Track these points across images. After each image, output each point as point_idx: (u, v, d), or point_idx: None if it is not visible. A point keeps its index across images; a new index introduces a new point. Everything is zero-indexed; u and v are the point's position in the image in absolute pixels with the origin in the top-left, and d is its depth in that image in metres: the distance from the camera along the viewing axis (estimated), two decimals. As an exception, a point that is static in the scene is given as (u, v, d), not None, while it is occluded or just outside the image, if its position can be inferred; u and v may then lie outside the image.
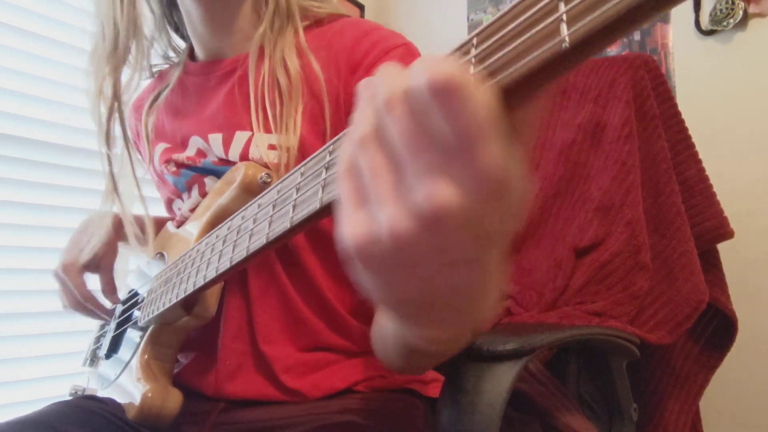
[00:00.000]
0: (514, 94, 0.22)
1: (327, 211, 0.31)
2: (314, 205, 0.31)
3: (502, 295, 0.28)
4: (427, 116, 0.21)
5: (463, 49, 0.24)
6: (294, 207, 0.34)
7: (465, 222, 0.22)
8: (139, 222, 0.76)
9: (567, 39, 0.19)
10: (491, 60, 0.22)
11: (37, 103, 1.10)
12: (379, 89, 0.24)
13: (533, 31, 0.21)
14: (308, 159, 0.34)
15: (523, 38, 0.21)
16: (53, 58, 1.12)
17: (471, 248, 0.23)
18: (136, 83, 0.64)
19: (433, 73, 0.21)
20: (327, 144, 0.32)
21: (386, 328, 0.42)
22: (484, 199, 0.22)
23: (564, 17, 0.20)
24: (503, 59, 0.22)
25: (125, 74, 0.63)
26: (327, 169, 0.31)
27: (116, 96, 0.61)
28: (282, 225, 0.34)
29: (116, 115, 0.61)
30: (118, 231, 0.72)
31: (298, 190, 0.34)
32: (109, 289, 0.71)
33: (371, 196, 0.24)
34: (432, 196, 0.21)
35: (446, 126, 0.21)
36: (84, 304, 0.69)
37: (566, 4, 0.20)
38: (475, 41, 0.24)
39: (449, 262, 0.24)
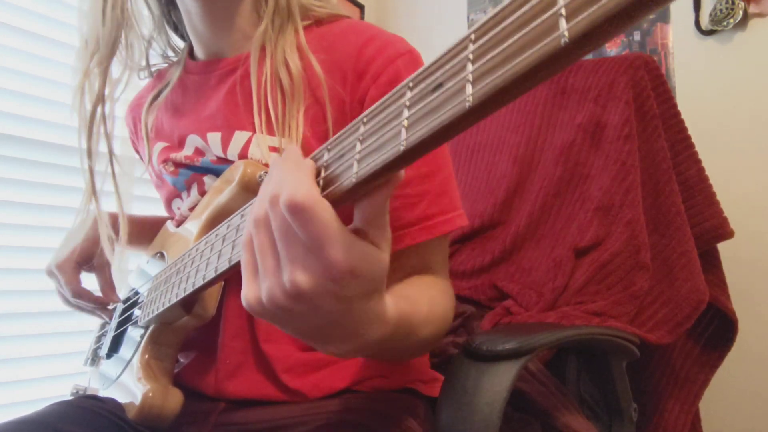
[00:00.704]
0: (512, 91, 0.22)
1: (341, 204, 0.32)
2: None
3: (385, 321, 0.38)
4: (293, 223, 0.30)
5: (461, 45, 0.24)
6: None
7: (323, 294, 0.31)
8: (134, 221, 0.77)
9: (566, 34, 0.19)
10: (488, 57, 0.22)
11: (37, 103, 1.10)
12: (268, 184, 0.33)
13: (531, 26, 0.21)
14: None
15: (520, 34, 0.21)
16: (53, 58, 1.12)
17: (335, 306, 0.33)
18: (126, 80, 0.63)
19: (287, 196, 0.30)
20: (325, 144, 0.33)
21: None
22: (334, 281, 0.31)
23: (563, 11, 0.19)
24: (502, 55, 0.22)
25: (116, 71, 0.62)
26: (326, 168, 0.32)
27: (103, 89, 0.60)
28: None
29: (100, 109, 0.60)
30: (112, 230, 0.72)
31: None
32: (108, 287, 0.71)
33: (260, 270, 0.33)
34: (293, 281, 0.31)
35: (301, 233, 0.30)
36: (75, 301, 0.70)
37: None
38: (473, 37, 0.24)
39: (319, 315, 0.33)
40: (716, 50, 1.29)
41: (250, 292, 0.34)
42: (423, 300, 0.49)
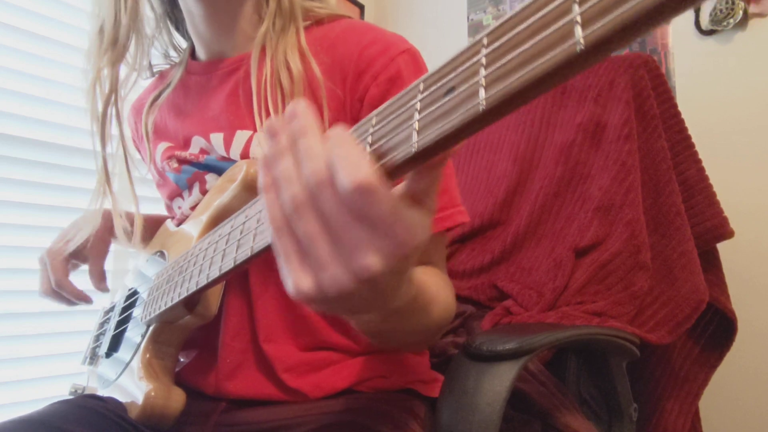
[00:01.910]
0: (526, 95, 0.22)
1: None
2: None
3: (410, 282, 0.37)
4: (355, 206, 0.27)
5: (473, 49, 0.24)
6: None
7: (395, 273, 0.30)
8: (130, 219, 0.77)
9: (582, 41, 0.19)
10: (502, 61, 0.22)
11: (37, 103, 1.10)
12: (306, 165, 0.29)
13: (546, 32, 0.20)
14: None
15: (535, 39, 0.21)
16: (53, 58, 1.12)
17: (392, 283, 0.31)
18: (133, 81, 0.64)
19: (350, 177, 0.27)
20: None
21: None
22: (405, 258, 0.29)
23: (578, 19, 0.19)
24: (515, 62, 0.22)
25: (123, 72, 0.63)
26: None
27: (113, 90, 0.61)
28: None
29: (113, 110, 0.62)
30: (110, 226, 0.72)
31: None
32: (98, 275, 0.72)
33: (311, 258, 0.30)
34: (367, 266, 0.28)
35: (368, 214, 0.27)
36: (56, 290, 0.70)
37: (580, 5, 0.19)
38: (485, 41, 0.24)
39: (377, 295, 0.31)
40: (716, 50, 1.29)
41: (303, 282, 0.30)
42: (430, 281, 0.48)
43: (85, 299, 0.72)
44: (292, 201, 0.30)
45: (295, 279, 0.30)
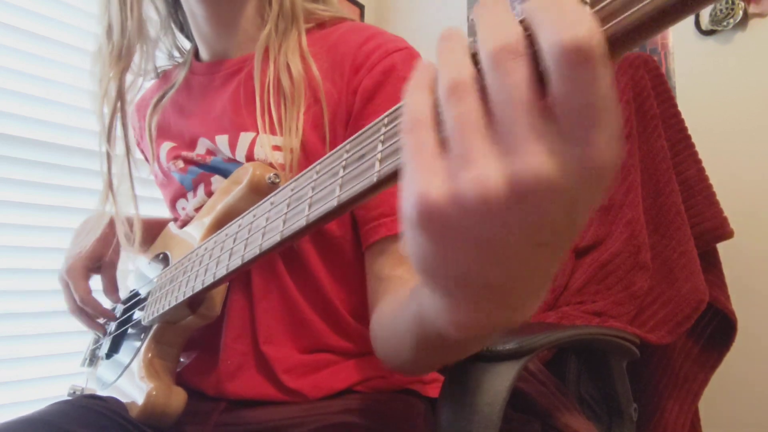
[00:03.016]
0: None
1: (344, 209, 0.31)
2: (332, 203, 0.31)
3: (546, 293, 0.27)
4: (552, 80, 0.20)
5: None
6: (310, 205, 0.34)
7: (560, 201, 0.20)
8: (130, 223, 0.77)
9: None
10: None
11: (37, 103, 1.10)
12: (488, 33, 0.21)
13: None
14: (323, 158, 0.34)
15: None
16: (53, 58, 1.12)
17: (557, 229, 0.21)
18: (139, 86, 0.65)
19: (570, 35, 0.18)
20: (344, 143, 0.32)
21: (405, 313, 0.38)
22: (591, 179, 0.20)
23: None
24: None
25: (128, 77, 0.63)
26: (344, 167, 0.31)
27: (120, 97, 0.62)
28: (298, 223, 0.34)
29: (119, 115, 0.62)
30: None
31: (313, 188, 0.34)
32: (111, 288, 0.71)
33: (456, 151, 0.21)
34: (537, 165, 0.20)
35: (572, 98, 0.19)
36: (83, 308, 0.69)
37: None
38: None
39: (532, 240, 0.22)
40: (716, 50, 1.29)
41: (434, 185, 0.21)
42: None
43: (111, 317, 0.71)
44: (451, 81, 0.22)
45: (422, 180, 0.22)
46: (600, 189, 0.21)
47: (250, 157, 0.60)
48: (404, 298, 0.40)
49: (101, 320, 0.72)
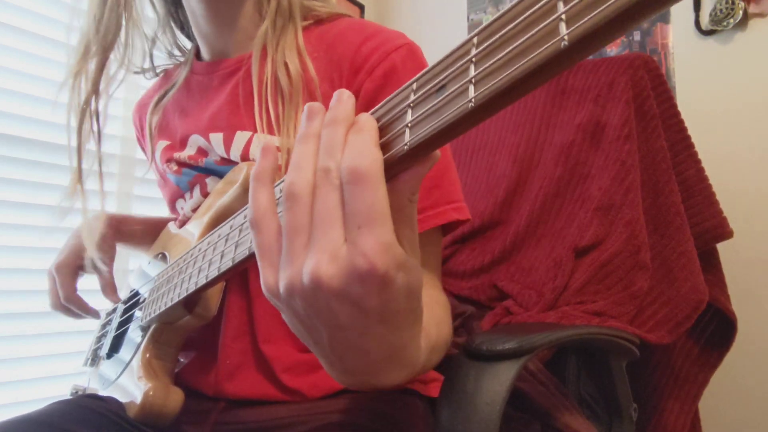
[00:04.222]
0: (513, 92, 0.22)
1: None
2: None
3: (410, 373, 0.33)
4: (347, 192, 0.26)
5: (463, 48, 0.25)
6: None
7: (343, 295, 0.26)
8: (137, 221, 0.77)
9: (566, 38, 0.20)
10: (491, 60, 0.23)
11: (37, 103, 1.10)
12: (326, 154, 0.27)
13: (533, 30, 0.21)
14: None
15: (523, 38, 0.21)
16: (53, 58, 1.12)
17: (354, 320, 0.28)
18: (122, 77, 0.63)
19: (355, 163, 0.26)
20: None
21: None
22: (361, 280, 0.26)
23: (563, 17, 0.20)
24: (503, 59, 0.22)
25: (113, 68, 0.62)
26: None
27: (96, 88, 0.60)
28: None
29: (94, 107, 0.61)
30: (117, 230, 0.72)
31: None
32: (110, 288, 0.71)
33: (284, 251, 0.28)
34: (314, 268, 0.26)
35: (356, 205, 0.25)
36: (65, 305, 0.70)
37: (565, 4, 0.20)
38: (475, 40, 0.24)
39: (334, 326, 0.28)
40: (716, 50, 1.29)
41: (269, 277, 0.29)
42: (432, 323, 0.43)
43: (94, 314, 0.72)
44: (293, 190, 0.28)
45: (264, 274, 0.30)
46: (386, 293, 0.26)
47: (245, 157, 0.60)
48: None
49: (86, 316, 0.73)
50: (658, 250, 0.87)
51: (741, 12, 1.23)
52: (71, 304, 0.70)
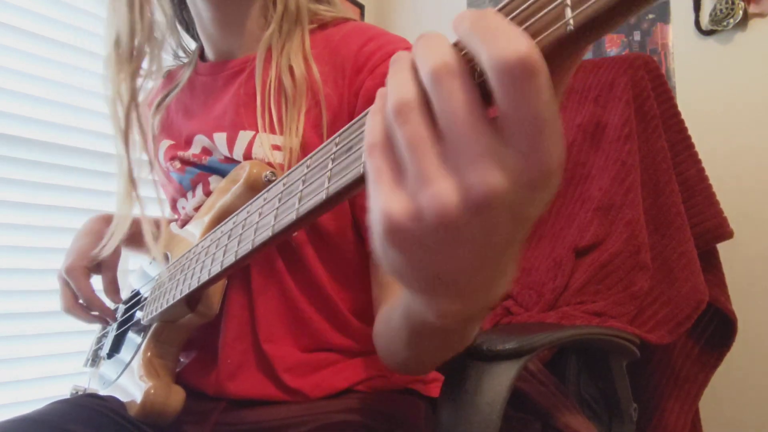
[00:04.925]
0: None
1: (334, 201, 0.31)
2: (320, 196, 0.31)
3: (514, 273, 0.28)
4: (497, 96, 0.21)
5: None
6: (300, 199, 0.34)
7: (510, 208, 0.22)
8: (137, 222, 0.76)
9: (572, 22, 0.20)
10: None
11: (37, 103, 1.10)
12: (426, 55, 0.23)
13: (538, 15, 0.21)
14: (314, 151, 0.34)
15: (528, 23, 0.22)
16: (53, 58, 1.12)
17: (509, 230, 0.23)
18: (149, 88, 0.65)
19: (511, 51, 0.20)
20: (333, 136, 0.32)
21: (396, 312, 0.41)
22: (534, 187, 0.22)
23: (568, 1, 0.20)
24: None
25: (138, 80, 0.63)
26: (333, 160, 0.31)
27: (133, 99, 0.62)
28: (288, 217, 0.34)
29: (134, 115, 0.62)
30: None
31: (304, 181, 0.34)
32: (112, 289, 0.71)
33: (412, 171, 0.23)
34: (487, 180, 0.21)
35: (518, 110, 0.20)
36: (85, 306, 0.69)
37: None
38: None
39: (486, 243, 0.24)
40: (716, 50, 1.29)
41: (395, 204, 0.24)
42: None
43: (112, 317, 0.71)
44: (397, 103, 0.23)
45: (385, 201, 0.24)
46: (547, 194, 0.22)
47: (247, 156, 0.60)
48: (396, 299, 0.42)
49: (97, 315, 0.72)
50: (658, 251, 0.87)
51: (741, 12, 1.23)
52: (93, 306, 0.69)
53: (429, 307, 0.30)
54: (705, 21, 1.30)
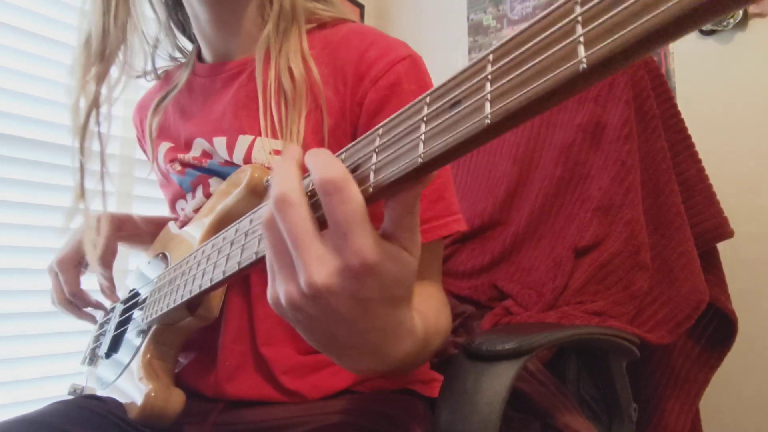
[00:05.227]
0: (530, 111, 0.22)
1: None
2: None
3: (414, 335, 0.36)
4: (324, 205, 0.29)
5: (479, 64, 0.25)
6: None
7: (340, 293, 0.29)
8: (137, 220, 0.77)
9: (585, 61, 0.20)
10: (508, 78, 0.23)
11: (37, 103, 1.10)
12: (274, 186, 0.31)
13: (551, 51, 0.21)
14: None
15: (540, 58, 0.22)
16: (53, 58, 1.12)
17: (353, 309, 0.30)
18: (124, 81, 0.63)
19: (324, 175, 0.28)
20: (339, 152, 0.33)
21: None
22: (353, 277, 0.29)
23: (581, 39, 0.20)
24: (520, 78, 0.22)
25: (115, 72, 0.62)
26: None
27: (95, 105, 0.60)
28: None
29: (95, 114, 0.61)
30: (119, 229, 0.72)
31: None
32: (109, 288, 0.71)
33: (276, 271, 0.32)
34: (308, 280, 0.29)
35: (330, 216, 0.28)
36: (72, 300, 0.70)
37: (584, 26, 0.20)
38: (491, 57, 0.24)
39: (338, 319, 0.31)
40: (716, 50, 1.29)
41: (271, 293, 0.33)
42: (431, 311, 0.48)
43: (101, 308, 0.72)
44: (263, 220, 0.32)
45: (268, 289, 0.33)
46: (377, 279, 0.29)
47: (247, 160, 0.60)
48: None
49: (90, 311, 0.72)
50: (658, 250, 0.87)
51: (741, 12, 1.23)
52: (76, 299, 0.70)
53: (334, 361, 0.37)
54: (705, 21, 1.30)
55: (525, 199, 0.99)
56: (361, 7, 1.88)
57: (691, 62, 1.33)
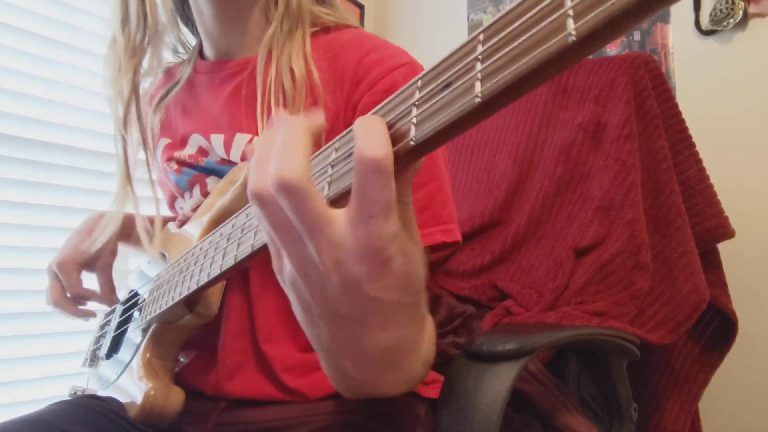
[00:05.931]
0: (520, 87, 0.22)
1: (334, 206, 0.31)
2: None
3: (407, 383, 0.37)
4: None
5: (469, 45, 0.25)
6: None
7: (346, 280, 0.28)
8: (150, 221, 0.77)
9: (573, 33, 0.20)
10: (498, 56, 0.23)
11: (37, 103, 1.10)
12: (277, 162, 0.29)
13: (540, 26, 0.21)
14: (312, 156, 0.34)
15: (529, 34, 0.22)
16: (53, 58, 1.12)
17: (353, 306, 0.30)
18: (149, 82, 0.66)
19: (375, 152, 0.26)
20: (331, 141, 0.32)
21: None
22: (362, 257, 0.27)
23: (570, 12, 0.20)
24: (510, 55, 0.22)
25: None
26: (333, 166, 0.32)
27: (134, 92, 0.62)
28: None
29: (133, 109, 0.62)
30: (120, 229, 0.72)
31: None
32: (108, 289, 0.71)
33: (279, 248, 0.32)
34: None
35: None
36: (72, 300, 0.70)
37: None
38: (481, 38, 0.24)
39: (336, 314, 0.31)
40: (716, 50, 1.29)
41: (276, 265, 0.33)
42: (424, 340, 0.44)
43: (110, 302, 0.72)
44: (254, 192, 0.30)
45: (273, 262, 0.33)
46: (377, 269, 0.28)
47: (244, 158, 0.60)
48: None
49: (87, 307, 0.73)
50: (658, 250, 0.87)
51: (741, 12, 1.23)
52: (81, 298, 0.70)
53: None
54: (705, 21, 1.30)
55: (525, 198, 0.99)
56: (361, 7, 1.88)
57: (691, 62, 1.33)
